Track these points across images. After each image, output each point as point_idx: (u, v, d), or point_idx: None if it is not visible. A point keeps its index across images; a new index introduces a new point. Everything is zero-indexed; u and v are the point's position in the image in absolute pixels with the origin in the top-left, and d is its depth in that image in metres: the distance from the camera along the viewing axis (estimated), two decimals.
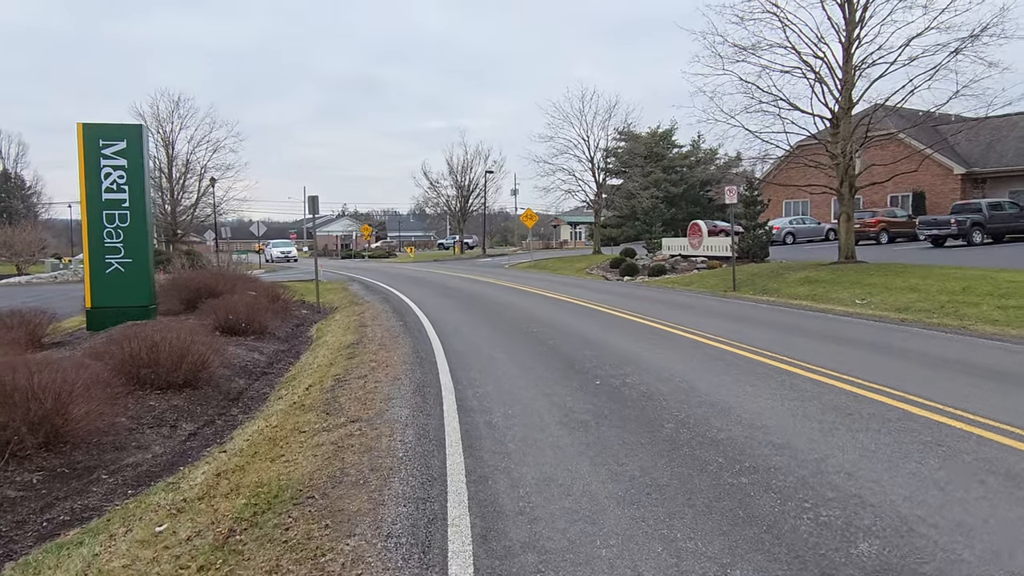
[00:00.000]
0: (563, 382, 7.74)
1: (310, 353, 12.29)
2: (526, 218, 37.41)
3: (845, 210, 22.24)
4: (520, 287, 22.09)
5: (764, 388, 6.99)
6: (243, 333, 13.02)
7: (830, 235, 42.00)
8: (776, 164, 37.97)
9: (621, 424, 5.92)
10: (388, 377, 8.65)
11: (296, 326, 16.07)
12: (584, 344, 10.22)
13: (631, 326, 12.14)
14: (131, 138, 14.13)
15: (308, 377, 9.76)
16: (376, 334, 12.71)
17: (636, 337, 10.80)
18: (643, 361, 8.73)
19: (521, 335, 11.46)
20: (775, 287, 19.69)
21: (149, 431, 7.40)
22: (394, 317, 15.15)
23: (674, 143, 71.83)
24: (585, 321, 13.00)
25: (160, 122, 43.40)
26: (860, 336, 10.76)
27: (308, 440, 6.32)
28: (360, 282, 27.81)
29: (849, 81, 21.20)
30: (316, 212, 18.76)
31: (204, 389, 8.97)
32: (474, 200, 64.53)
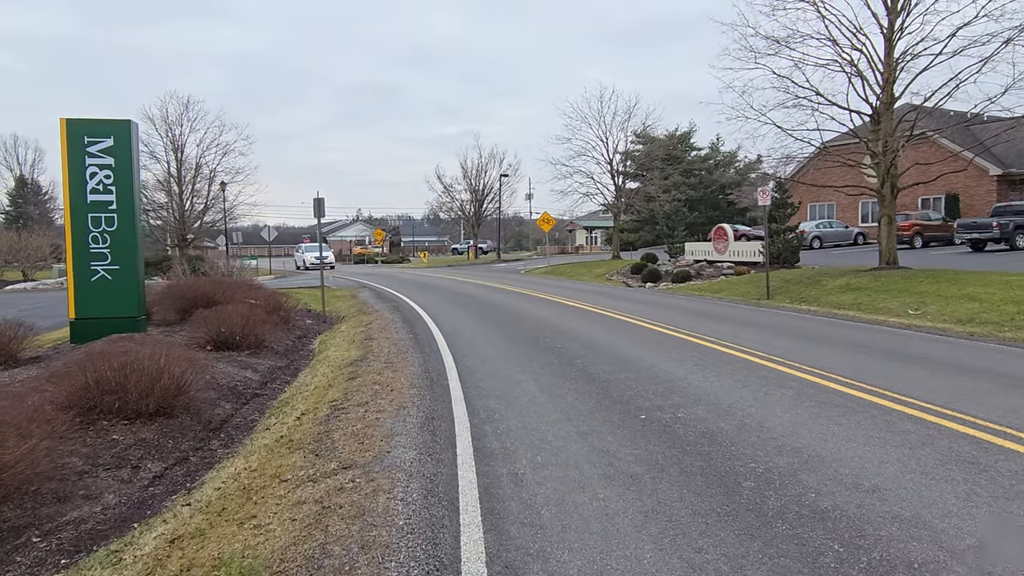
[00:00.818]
0: (600, 415, 6.44)
1: (309, 371, 11.07)
2: (543, 222, 36.14)
3: (886, 212, 20.76)
4: (538, 295, 20.81)
5: (854, 428, 5.65)
6: (237, 347, 11.83)
7: (859, 239, 40.45)
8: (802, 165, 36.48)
9: (684, 480, 4.62)
10: (392, 405, 7.39)
11: (298, 338, 14.87)
12: (618, 364, 8.92)
13: (667, 341, 10.81)
14: (119, 135, 13.01)
15: (302, 402, 8.52)
16: (383, 349, 11.48)
17: (677, 355, 9.47)
18: (692, 387, 7.41)
19: (544, 352, 10.17)
20: (814, 295, 18.28)
21: (105, 474, 6.18)
22: (404, 328, 13.91)
23: (692, 145, 70.31)
24: (614, 335, 11.69)
25: (169, 125, 42.62)
26: (932, 353, 9.38)
27: (288, 494, 5.07)
28: (371, 289, 26.65)
29: (891, 74, 19.77)
30: (322, 215, 17.60)
31: (181, 418, 7.75)
32: (488, 204, 63.40)
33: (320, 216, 17.62)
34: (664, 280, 27.30)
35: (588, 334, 11.83)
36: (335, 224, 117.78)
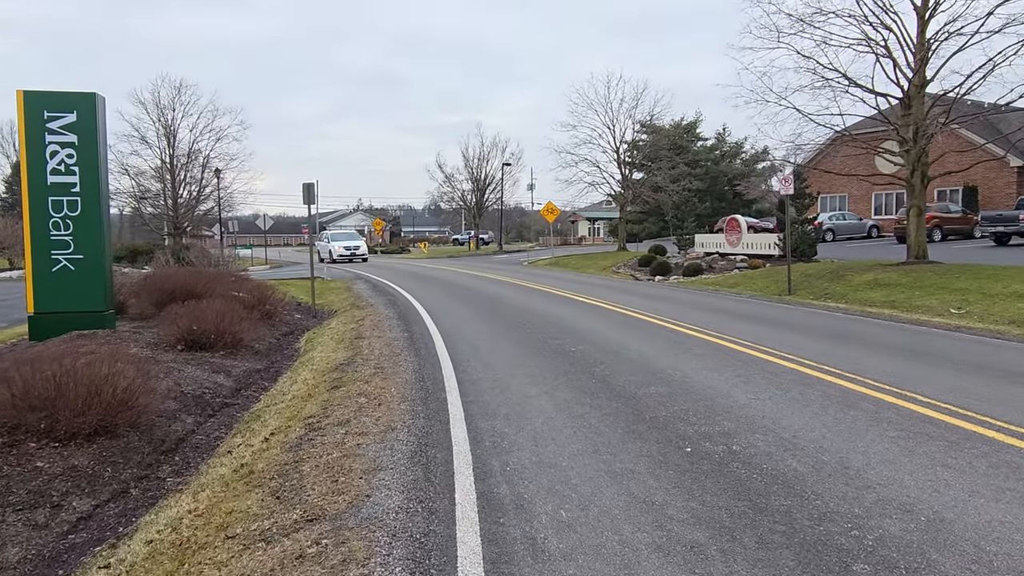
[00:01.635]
0: (634, 445, 5.19)
1: (290, 375, 9.81)
2: (547, 212, 34.82)
3: (916, 203, 19.46)
4: (545, 288, 19.53)
5: (971, 474, 4.38)
6: (211, 347, 10.57)
7: (872, 232, 39.19)
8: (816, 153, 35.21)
9: (768, 558, 3.36)
10: (379, 425, 6.14)
11: (284, 335, 13.61)
12: (645, 374, 7.65)
13: (695, 345, 9.54)
14: (83, 109, 11.71)
15: (275, 417, 7.27)
16: (374, 350, 10.22)
17: (711, 363, 8.20)
18: (740, 407, 6.15)
19: (557, 357, 8.91)
20: (840, 291, 17.01)
21: (15, 517, 4.93)
22: (398, 326, 12.65)
23: (698, 135, 68.89)
24: (633, 336, 10.42)
25: (161, 110, 41.24)
26: (1012, 364, 8.11)
27: (232, 561, 3.81)
28: (367, 281, 25.37)
29: (923, 55, 18.42)
30: (313, 201, 16.33)
31: (127, 437, 6.50)
32: (490, 194, 62.06)
33: (311, 203, 16.34)
34: (674, 273, 26.03)
35: (603, 335, 10.56)
36: (335, 214, 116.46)
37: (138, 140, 40.62)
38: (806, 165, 30.02)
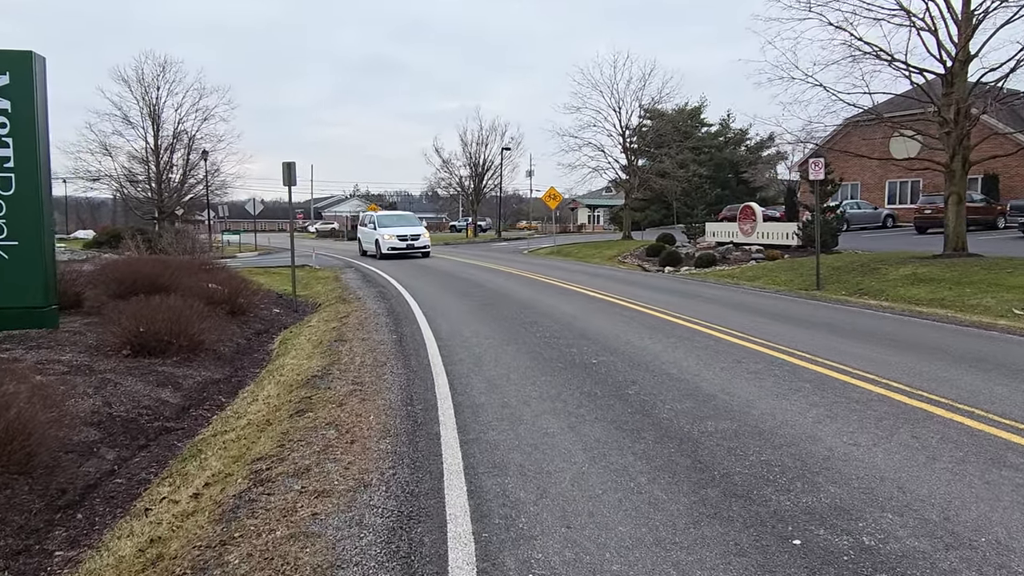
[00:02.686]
0: (713, 531, 3.56)
1: (252, 389, 8.16)
2: (549, 198, 33.11)
3: (955, 190, 17.82)
4: (549, 280, 17.88)
5: None
6: (162, 352, 8.91)
7: (888, 221, 37.62)
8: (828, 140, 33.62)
9: None
10: (347, 480, 4.51)
11: (256, 334, 11.95)
12: (694, 400, 6.02)
13: (745, 357, 7.91)
14: (18, 72, 9.97)
15: (217, 455, 5.62)
16: (355, 357, 8.58)
17: (772, 385, 6.57)
18: (843, 461, 4.50)
19: (577, 371, 7.27)
20: (876, 286, 15.42)
21: None
22: (387, 326, 11.01)
23: (703, 121, 67.02)
24: (663, 343, 8.78)
25: (145, 88, 39.35)
26: None
27: None
28: (357, 270, 23.68)
29: (968, 27, 16.72)
30: (294, 182, 14.61)
31: (14, 486, 4.86)
32: (489, 180, 60.22)
33: (292, 183, 14.63)
34: (685, 264, 24.41)
35: (627, 341, 8.92)
36: (331, 199, 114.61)
37: (120, 120, 38.81)
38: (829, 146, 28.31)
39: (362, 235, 31.71)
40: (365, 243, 30.87)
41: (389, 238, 27.98)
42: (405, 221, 30.43)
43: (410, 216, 32.81)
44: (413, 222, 30.59)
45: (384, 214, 31.62)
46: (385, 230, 28.31)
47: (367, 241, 30.42)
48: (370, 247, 29.63)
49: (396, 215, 32.82)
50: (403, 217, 31.70)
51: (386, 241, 27.92)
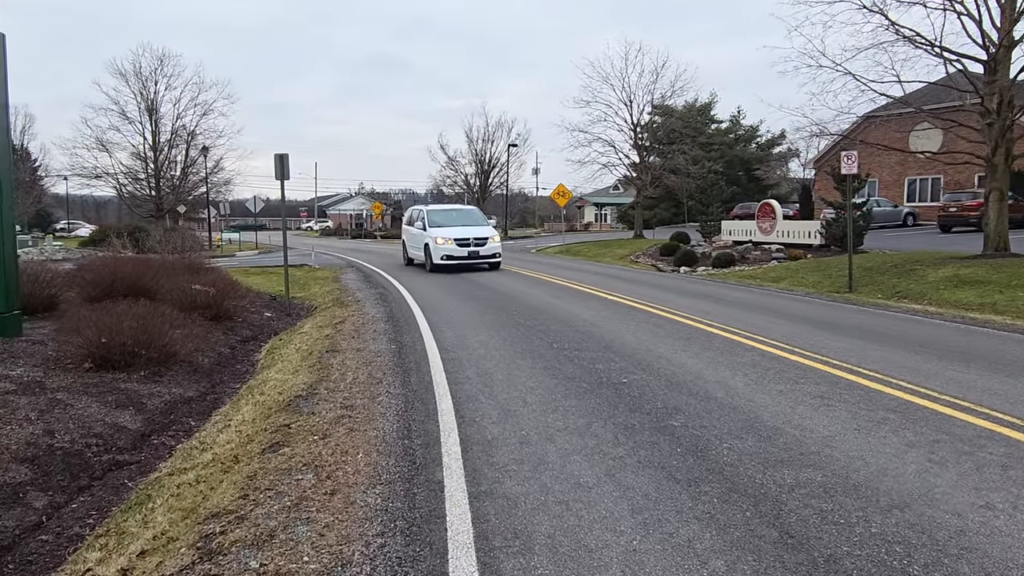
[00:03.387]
0: None
1: (227, 411, 7.06)
2: (558, 196, 31.99)
3: (997, 185, 16.63)
4: (561, 281, 16.75)
5: None
6: (128, 366, 7.83)
7: (908, 220, 36.41)
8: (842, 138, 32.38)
9: None
10: (321, 557, 3.40)
11: (242, 341, 10.86)
12: (758, 438, 4.89)
13: (801, 376, 6.77)
14: None
15: (166, 506, 4.52)
16: (347, 373, 7.48)
17: (848, 416, 5.43)
18: (978, 529, 3.39)
19: (607, 393, 6.15)
20: (915, 289, 14.25)
21: None
22: (385, 333, 9.92)
23: (713, 118, 65.71)
24: (699, 356, 7.65)
25: (143, 81, 38.39)
26: None
27: None
28: (358, 270, 22.60)
29: (1013, 8, 15.53)
30: (287, 176, 13.53)
31: None
32: (495, 178, 59.12)
33: (285, 177, 13.55)
34: (701, 263, 23.25)
35: (656, 353, 7.80)
36: (336, 197, 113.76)
37: (118, 115, 37.85)
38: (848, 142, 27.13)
39: (408, 238, 23.19)
40: (411, 248, 22.71)
41: (443, 242, 19.79)
42: (466, 218, 21.98)
43: (472, 212, 23.75)
44: (476, 219, 22.28)
45: (436, 209, 22.94)
46: (438, 231, 20.23)
47: (414, 246, 22.16)
48: (417, 254, 21.72)
49: (453, 210, 23.50)
50: (463, 213, 22.75)
51: (439, 247, 19.76)
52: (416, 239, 21.82)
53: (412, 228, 22.60)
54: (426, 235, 20.49)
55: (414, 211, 23.47)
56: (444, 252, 19.77)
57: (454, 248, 19.75)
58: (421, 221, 21.43)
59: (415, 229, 22.03)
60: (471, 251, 19.84)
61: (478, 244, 19.97)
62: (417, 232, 21.66)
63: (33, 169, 72.33)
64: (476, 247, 19.90)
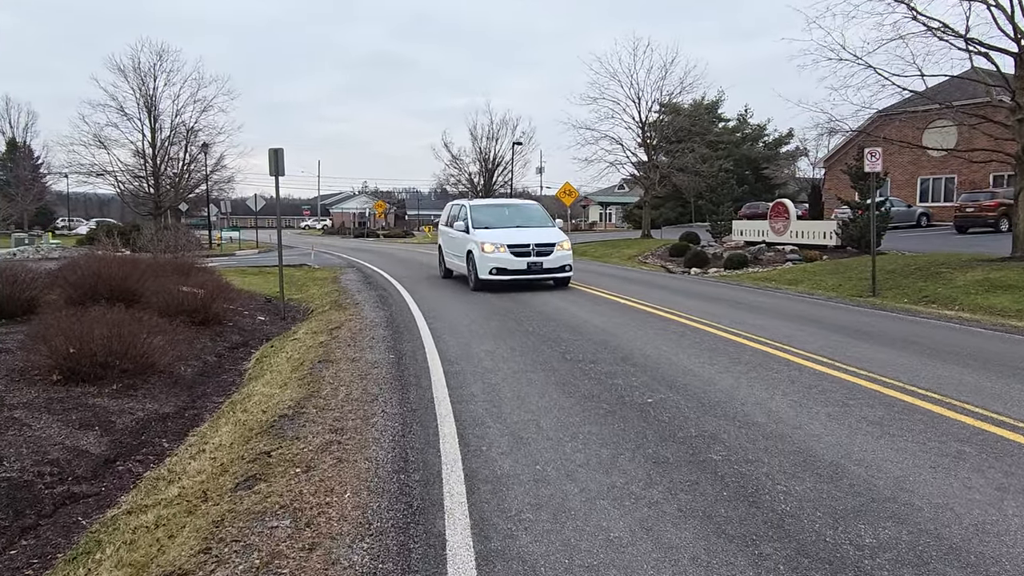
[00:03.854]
0: None
1: (205, 431, 6.34)
2: (564, 194, 31.21)
3: None
4: (575, 284, 16.02)
5: None
6: (100, 378, 7.12)
7: (922, 220, 35.61)
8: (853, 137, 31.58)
9: None
10: None
11: (231, 348, 10.16)
12: (812, 475, 4.14)
13: (845, 394, 6.03)
14: None
15: (111, 563, 3.80)
16: (340, 388, 6.76)
17: (912, 444, 4.69)
18: None
19: (631, 416, 5.42)
20: (944, 293, 13.48)
21: None
22: (384, 341, 9.20)
23: (720, 116, 64.88)
24: (732, 373, 6.91)
25: (142, 77, 37.74)
26: None
27: None
28: (359, 270, 21.90)
29: None
30: (281, 172, 12.81)
31: None
32: (499, 176, 58.38)
33: (279, 173, 12.82)
34: (713, 265, 22.49)
35: (683, 367, 7.06)
36: (339, 195, 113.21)
37: (116, 111, 37.22)
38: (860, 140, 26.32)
39: (445, 242, 17.87)
40: (450, 256, 17.31)
41: (493, 250, 14.48)
42: (522, 216, 16.50)
43: (530, 208, 17.75)
44: (536, 217, 16.66)
45: (483, 204, 18.10)
46: (486, 234, 14.92)
47: (454, 253, 16.83)
48: (458, 264, 16.32)
49: (506, 206, 18.22)
50: (518, 210, 17.28)
51: (487, 257, 14.46)
52: (456, 244, 16.30)
53: (451, 230, 16.85)
54: (469, 239, 15.05)
55: (453, 207, 17.93)
56: (494, 263, 14.23)
57: (508, 258, 14.19)
58: (464, 220, 15.78)
59: (455, 231, 16.39)
60: (532, 263, 14.23)
61: (541, 252, 14.41)
62: (458, 235, 16.04)
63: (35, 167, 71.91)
64: (539, 257, 14.34)
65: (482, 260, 14.35)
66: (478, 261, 14.44)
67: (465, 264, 15.43)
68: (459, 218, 16.47)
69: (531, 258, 14.14)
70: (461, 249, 15.82)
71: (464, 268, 15.57)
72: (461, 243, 15.84)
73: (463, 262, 15.63)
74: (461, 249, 15.82)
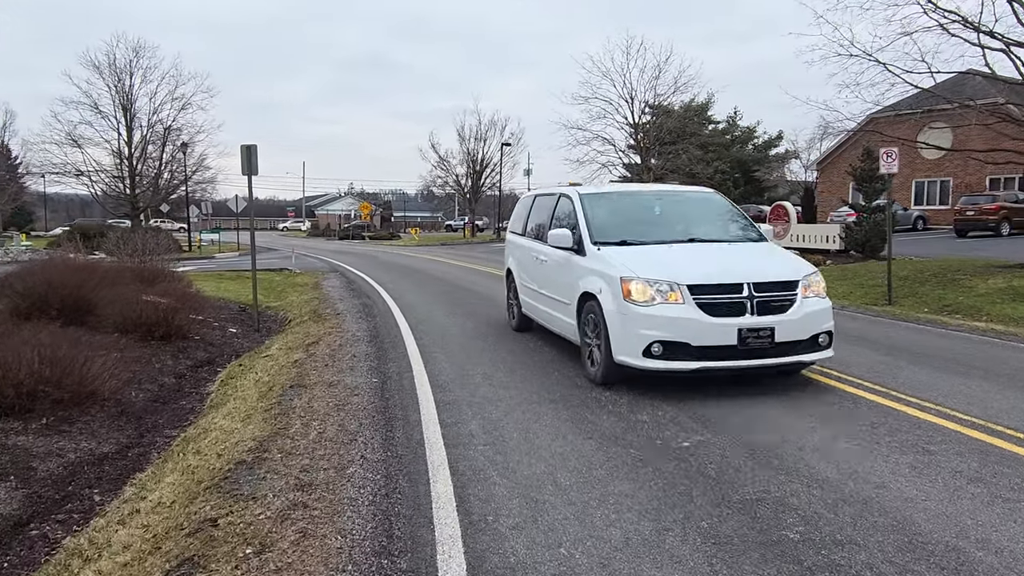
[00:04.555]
0: None
1: (146, 480, 5.27)
2: None
3: None
4: None
5: None
6: (27, 411, 6.01)
7: (918, 224, 35.00)
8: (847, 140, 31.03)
9: None
10: None
11: (195, 367, 9.05)
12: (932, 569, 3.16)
13: (919, 437, 5.05)
14: None
15: None
16: (311, 423, 5.70)
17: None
18: None
19: (669, 469, 4.41)
20: (965, 302, 12.62)
21: None
22: (366, 360, 8.13)
23: (710, 118, 64.18)
24: (773, 405, 5.92)
25: (118, 74, 36.37)
26: None
27: None
28: (343, 275, 20.78)
29: None
30: (255, 171, 11.73)
31: None
32: (487, 178, 57.35)
33: (252, 172, 11.73)
34: None
35: (717, 401, 6.06)
36: (325, 197, 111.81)
37: (90, 108, 35.83)
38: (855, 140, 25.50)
39: (523, 265, 9.44)
40: (533, 292, 8.87)
41: (651, 297, 6.18)
42: (693, 218, 8.02)
43: (707, 200, 8.47)
44: (721, 221, 7.98)
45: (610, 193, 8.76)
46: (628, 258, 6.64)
47: (542, 287, 8.46)
48: (553, 315, 8.06)
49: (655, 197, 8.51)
50: (683, 205, 8.40)
51: (638, 313, 6.17)
52: (548, 273, 8.29)
53: (535, 244, 8.97)
54: (586, 267, 7.11)
55: (543, 199, 9.45)
56: (659, 330, 6.12)
57: (692, 318, 6.08)
58: (569, 226, 7.75)
59: (546, 248, 8.19)
60: (751, 329, 6.07)
61: (771, 305, 6.23)
62: (556, 255, 7.89)
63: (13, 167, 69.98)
64: (765, 316, 6.15)
65: (627, 320, 6.22)
66: (616, 321, 6.32)
67: (574, 318, 7.20)
68: (557, 221, 8.14)
69: (747, 318, 6.08)
70: (562, 285, 7.61)
71: (567, 324, 7.48)
72: (562, 272, 7.62)
73: (566, 313, 7.47)
74: (562, 285, 7.61)
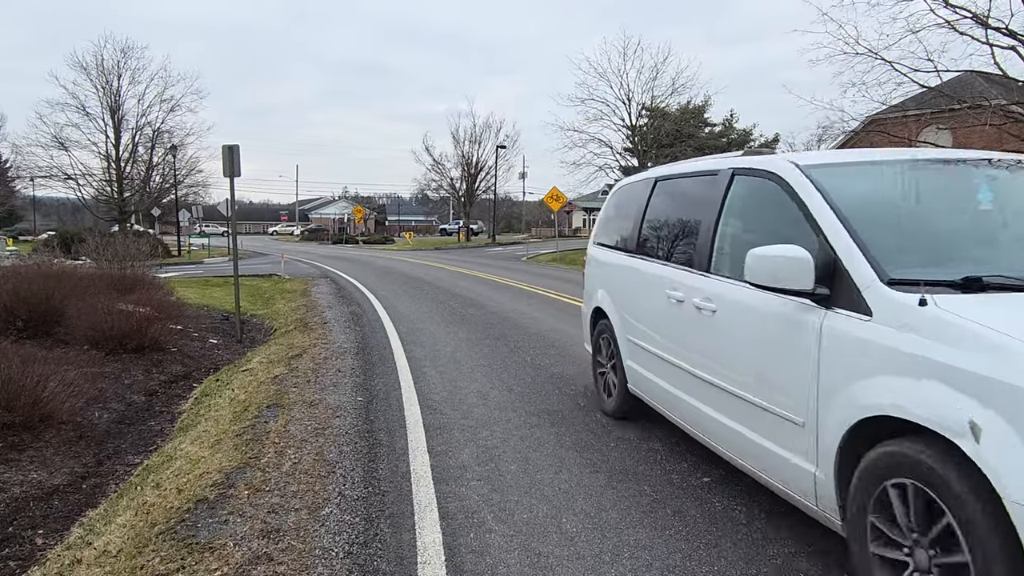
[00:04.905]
0: None
1: (98, 519, 4.68)
2: (551, 199, 29.73)
3: None
4: (564, 297, 14.42)
5: None
6: None
7: None
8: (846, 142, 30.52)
9: None
10: None
11: (169, 382, 8.43)
12: None
13: None
14: None
15: None
16: (286, 450, 5.11)
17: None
18: None
19: (693, 510, 3.85)
20: None
21: None
22: (351, 375, 7.55)
23: (707, 121, 63.87)
24: None
25: (106, 75, 35.76)
26: None
27: None
28: (333, 281, 20.17)
29: None
30: (237, 172, 11.13)
31: None
32: (481, 182, 56.78)
33: (235, 174, 11.14)
34: None
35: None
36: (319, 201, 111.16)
37: (77, 110, 35.19)
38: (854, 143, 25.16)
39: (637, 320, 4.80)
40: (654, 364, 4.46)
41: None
42: None
43: None
44: None
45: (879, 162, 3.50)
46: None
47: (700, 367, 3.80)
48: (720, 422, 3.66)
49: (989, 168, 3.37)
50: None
51: None
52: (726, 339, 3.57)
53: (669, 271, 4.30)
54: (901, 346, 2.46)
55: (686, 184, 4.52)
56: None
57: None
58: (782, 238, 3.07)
59: (722, 281, 3.64)
60: None
61: None
62: (741, 302, 3.42)
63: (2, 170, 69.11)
64: None
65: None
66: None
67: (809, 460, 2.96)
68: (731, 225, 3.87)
69: None
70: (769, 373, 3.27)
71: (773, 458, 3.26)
72: (771, 348, 3.24)
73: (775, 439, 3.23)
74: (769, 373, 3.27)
